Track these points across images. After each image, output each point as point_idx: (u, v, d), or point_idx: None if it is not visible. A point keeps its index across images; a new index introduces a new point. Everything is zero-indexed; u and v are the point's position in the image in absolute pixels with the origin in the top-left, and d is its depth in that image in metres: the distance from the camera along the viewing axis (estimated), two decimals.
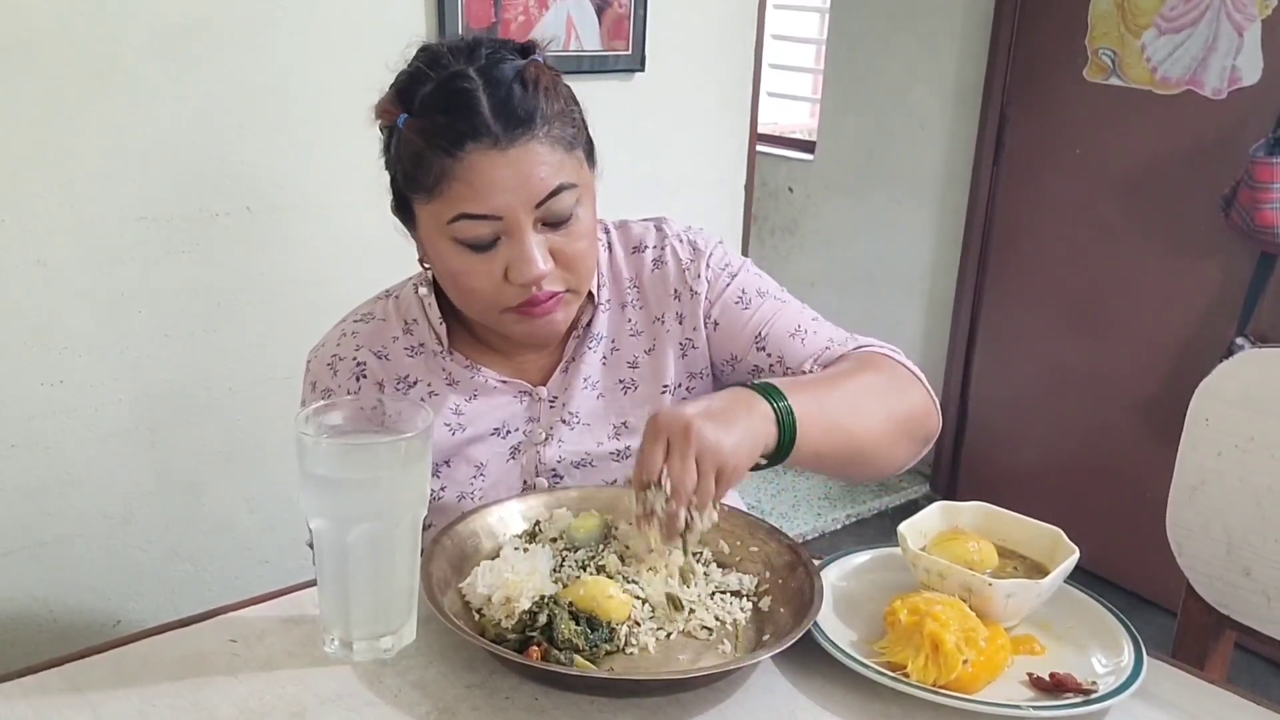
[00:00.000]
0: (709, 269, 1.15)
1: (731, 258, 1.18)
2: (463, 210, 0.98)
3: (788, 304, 1.16)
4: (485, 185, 0.96)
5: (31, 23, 1.45)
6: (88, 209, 1.55)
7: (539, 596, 0.87)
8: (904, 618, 0.85)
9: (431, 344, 1.13)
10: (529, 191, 0.97)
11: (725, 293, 1.15)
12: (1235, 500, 1.17)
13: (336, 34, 1.70)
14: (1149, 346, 2.63)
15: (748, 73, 2.28)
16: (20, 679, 0.83)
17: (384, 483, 0.84)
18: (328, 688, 0.83)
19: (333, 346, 1.15)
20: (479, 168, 0.96)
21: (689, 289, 1.15)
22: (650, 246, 1.17)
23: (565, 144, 1.00)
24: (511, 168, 0.96)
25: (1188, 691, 0.87)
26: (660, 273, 1.16)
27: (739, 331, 1.14)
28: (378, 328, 1.15)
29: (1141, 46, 2.54)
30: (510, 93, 0.97)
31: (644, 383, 1.15)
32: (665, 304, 1.15)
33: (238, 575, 1.83)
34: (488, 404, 1.12)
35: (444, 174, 0.97)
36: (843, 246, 3.49)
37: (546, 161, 0.98)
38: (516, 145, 0.96)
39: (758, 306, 1.14)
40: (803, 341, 1.13)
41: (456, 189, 0.97)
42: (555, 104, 0.99)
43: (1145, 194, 2.60)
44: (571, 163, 1.01)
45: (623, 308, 1.16)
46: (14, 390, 1.55)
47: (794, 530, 2.99)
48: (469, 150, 0.96)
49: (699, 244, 1.17)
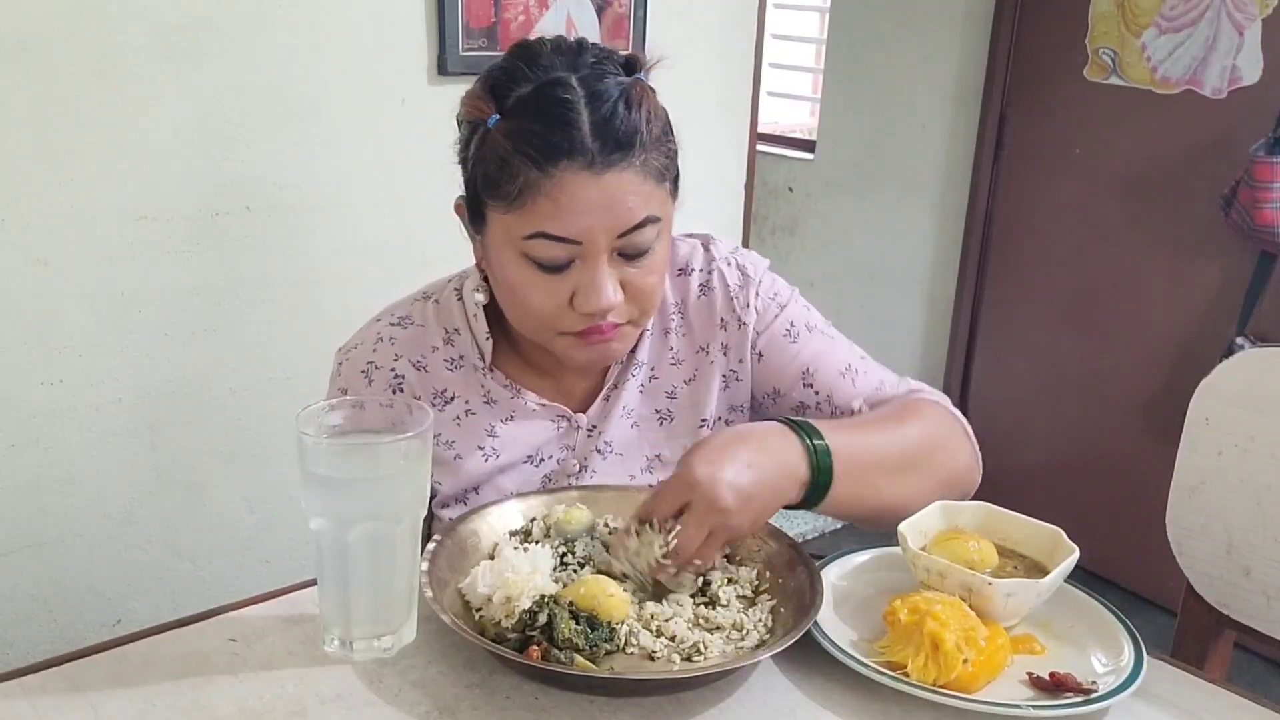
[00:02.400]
0: (758, 298, 1.11)
1: (780, 285, 1.14)
2: (542, 229, 0.92)
3: (836, 340, 1.13)
4: (571, 207, 0.91)
5: (31, 22, 1.45)
6: (88, 209, 1.55)
7: (539, 596, 0.87)
8: (904, 617, 0.85)
9: (473, 358, 1.08)
10: (615, 220, 0.92)
11: (774, 325, 1.11)
12: (1235, 500, 1.17)
13: (336, 34, 1.70)
14: (1149, 346, 2.63)
15: (748, 72, 2.28)
16: (20, 678, 0.83)
17: (384, 483, 0.84)
18: (328, 687, 0.83)
19: (368, 351, 1.09)
20: (569, 188, 0.90)
21: (737, 319, 1.11)
22: (697, 269, 1.12)
23: (657, 174, 0.95)
24: (602, 193, 0.91)
25: (1188, 691, 0.87)
26: (707, 299, 1.11)
27: (785, 366, 1.11)
28: (417, 334, 1.09)
29: (1142, 46, 2.54)
30: (614, 111, 0.91)
31: (681, 414, 1.12)
32: (711, 334, 1.11)
33: (238, 575, 1.83)
34: (524, 429, 1.09)
35: (529, 187, 0.91)
36: (843, 246, 3.48)
37: (638, 191, 0.93)
38: (612, 170, 0.91)
39: (806, 341, 1.11)
40: (853, 381, 1.10)
41: (540, 205, 0.91)
42: (655, 130, 0.94)
43: (1145, 194, 2.60)
44: (660, 194, 0.96)
45: (665, 334, 1.11)
46: (14, 389, 1.55)
47: (794, 530, 2.99)
48: (561, 168, 0.90)
49: (748, 269, 1.12)
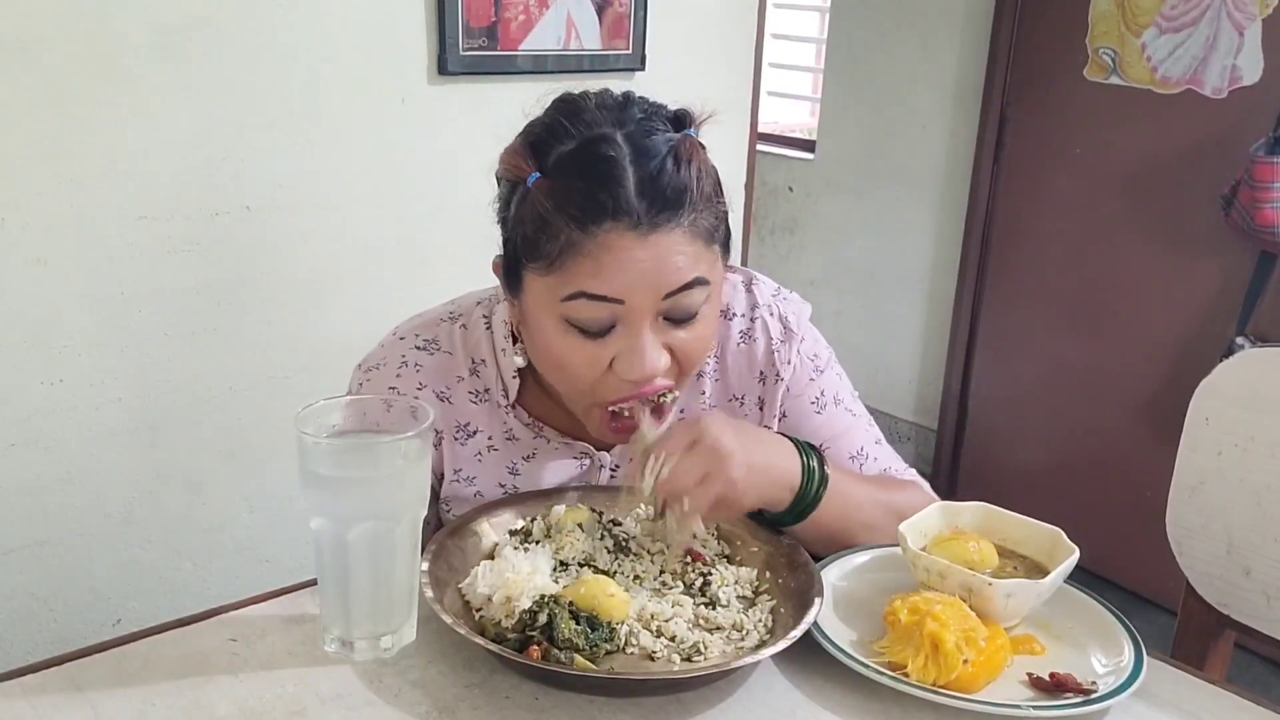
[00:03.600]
0: (798, 356, 1.09)
1: (820, 347, 1.12)
2: (583, 289, 0.88)
3: (857, 419, 1.13)
4: (615, 268, 0.87)
5: (31, 21, 1.45)
6: (88, 208, 1.55)
7: (539, 596, 0.87)
8: (904, 617, 0.85)
9: (497, 393, 1.05)
10: (660, 282, 0.88)
11: (806, 390, 1.10)
12: (1235, 499, 1.17)
13: (337, 33, 1.70)
14: (1149, 346, 2.63)
15: (748, 72, 2.28)
16: (20, 678, 0.83)
17: (384, 482, 0.84)
18: (328, 687, 0.83)
19: (391, 375, 1.05)
20: (612, 249, 0.87)
21: (775, 374, 1.09)
22: (738, 315, 1.09)
23: (706, 235, 0.91)
24: (648, 253, 0.87)
25: (1188, 691, 0.87)
26: (747, 349, 1.09)
27: (804, 432, 1.08)
28: (443, 362, 1.05)
29: (1142, 46, 2.54)
30: (661, 169, 0.87)
31: None
32: (747, 385, 1.10)
33: (238, 575, 1.83)
34: (545, 467, 1.07)
35: (570, 247, 0.87)
36: (843, 246, 3.49)
37: (685, 251, 0.89)
38: (659, 231, 0.87)
39: (830, 416, 1.11)
40: (860, 466, 1.11)
41: (581, 265, 0.87)
42: (705, 188, 0.90)
43: (1145, 194, 2.60)
44: (709, 256, 0.92)
45: (699, 376, 1.08)
46: (14, 389, 1.55)
47: None
48: (605, 229, 0.86)
49: (790, 321, 1.10)
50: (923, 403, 3.31)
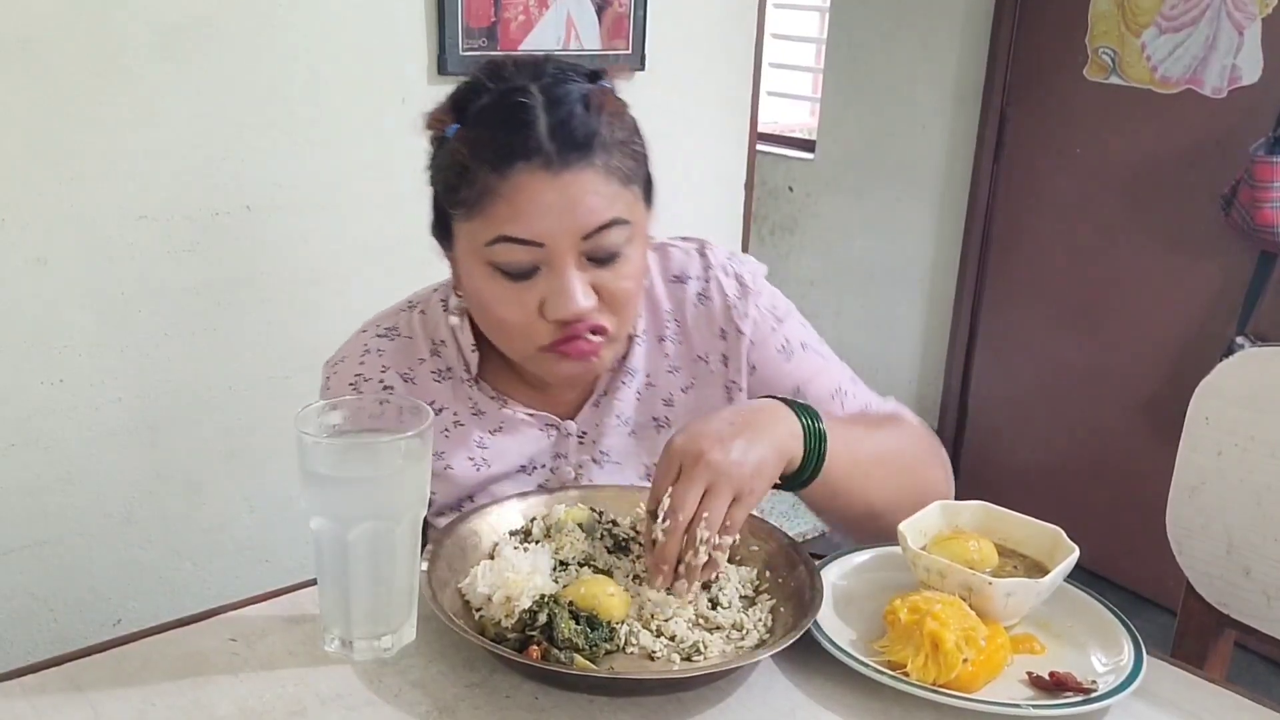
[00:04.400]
0: (756, 309, 1.10)
1: (778, 299, 1.13)
2: (503, 232, 0.92)
3: (829, 361, 1.13)
4: (530, 208, 0.90)
5: (32, 21, 1.46)
6: (88, 208, 1.55)
7: (539, 596, 0.87)
8: (904, 617, 0.85)
9: (460, 371, 1.08)
10: (577, 221, 0.91)
11: (769, 339, 1.10)
12: (1235, 499, 1.17)
13: (337, 33, 1.70)
14: (1149, 346, 2.63)
15: (748, 72, 2.28)
16: (20, 678, 0.83)
17: (384, 482, 0.84)
18: (328, 687, 0.83)
19: (355, 363, 1.08)
20: (526, 189, 0.90)
21: (735, 328, 1.09)
22: (693, 278, 1.11)
23: (623, 176, 0.94)
24: (561, 193, 0.90)
25: (1188, 691, 0.87)
26: (705, 309, 1.10)
27: (777, 382, 1.10)
28: (404, 346, 1.08)
29: (1142, 45, 2.54)
30: (571, 113, 0.91)
31: (679, 421, 1.10)
32: (710, 344, 1.10)
33: (238, 575, 1.83)
34: (514, 439, 1.08)
35: (487, 191, 0.91)
36: (843, 245, 3.49)
37: (600, 192, 0.92)
38: (570, 170, 0.90)
39: (800, 360, 1.10)
40: (842, 404, 1.10)
41: (499, 208, 0.91)
42: (618, 133, 0.94)
43: (1145, 193, 2.60)
44: (627, 196, 0.95)
45: (660, 341, 1.11)
46: (14, 389, 1.55)
47: (794, 530, 2.99)
48: (518, 170, 0.90)
49: (745, 279, 1.11)
50: (923, 403, 3.31)
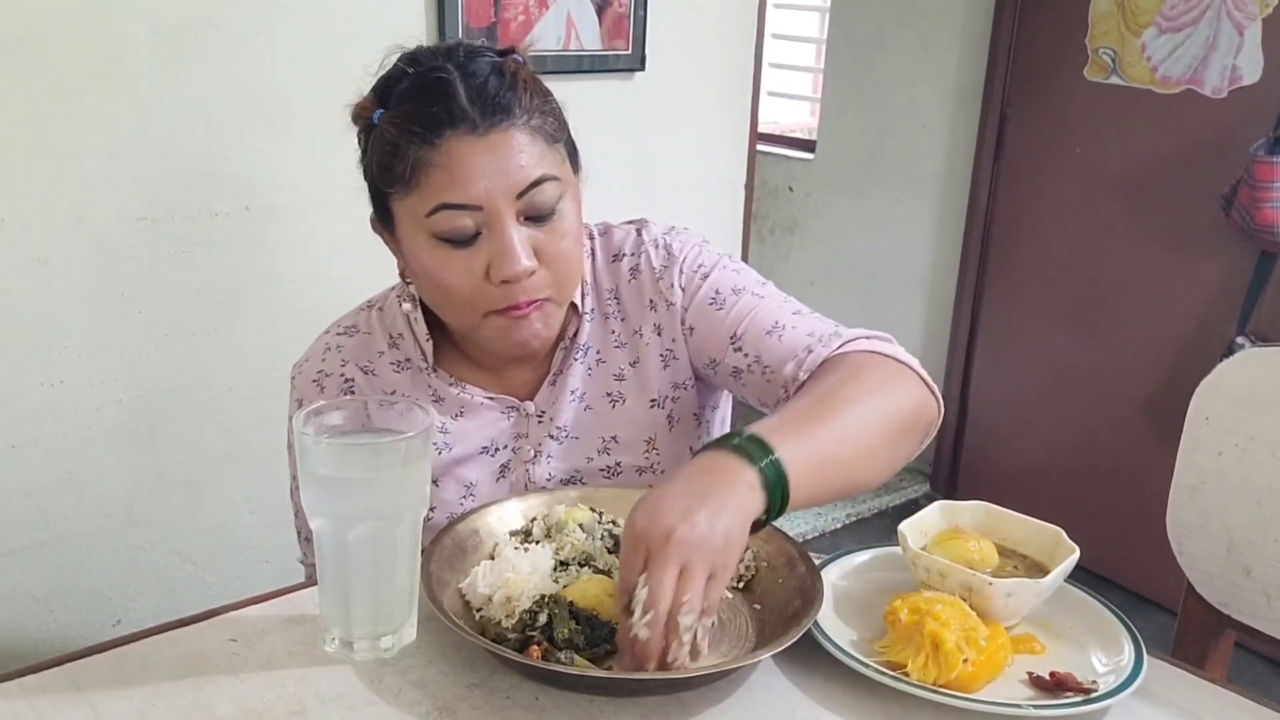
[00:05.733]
0: (682, 275, 1.10)
1: (705, 257, 1.11)
2: (442, 200, 0.95)
3: (766, 299, 1.09)
4: (464, 172, 0.94)
5: (31, 21, 1.45)
6: (88, 209, 1.55)
7: (539, 596, 0.87)
8: (904, 617, 0.85)
9: (417, 360, 1.11)
10: (509, 180, 0.95)
11: (698, 295, 1.09)
12: (1236, 499, 1.16)
13: (336, 34, 1.70)
14: (1149, 346, 2.64)
15: (748, 72, 2.28)
16: (21, 678, 0.83)
17: (384, 482, 0.84)
18: (328, 687, 0.83)
19: (317, 362, 1.13)
20: (457, 154, 0.94)
21: (664, 299, 1.10)
22: (627, 254, 1.13)
23: (546, 136, 0.98)
24: (491, 154, 0.94)
25: (1188, 691, 0.87)
26: (636, 283, 1.12)
27: (715, 333, 1.08)
28: (363, 341, 1.13)
29: (1142, 45, 2.54)
30: (487, 83, 0.96)
31: (631, 396, 1.12)
32: (643, 316, 1.11)
33: (238, 575, 1.83)
34: (474, 422, 1.11)
35: (421, 163, 0.95)
36: (843, 245, 3.49)
37: (527, 150, 0.96)
38: (496, 131, 0.94)
39: (732, 305, 1.08)
40: (780, 339, 1.05)
41: (435, 177, 0.95)
42: (534, 98, 0.98)
43: (1145, 194, 2.60)
44: (554, 155, 0.99)
45: (605, 319, 1.12)
46: (14, 390, 1.55)
47: (794, 530, 2.99)
48: (446, 137, 0.94)
49: (674, 248, 1.11)
50: None
